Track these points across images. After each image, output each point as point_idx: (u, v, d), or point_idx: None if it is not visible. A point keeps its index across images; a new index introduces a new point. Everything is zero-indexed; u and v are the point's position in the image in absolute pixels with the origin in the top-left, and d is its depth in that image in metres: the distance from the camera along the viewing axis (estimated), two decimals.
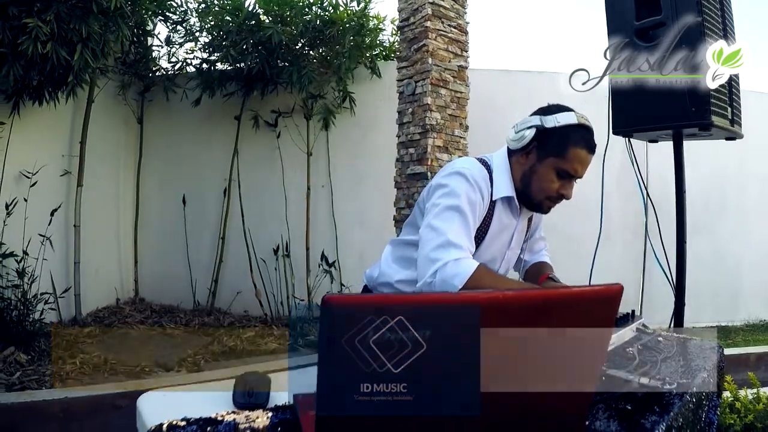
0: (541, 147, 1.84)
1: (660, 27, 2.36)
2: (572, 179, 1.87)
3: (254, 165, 7.16)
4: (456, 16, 4.98)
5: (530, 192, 1.89)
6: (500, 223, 1.93)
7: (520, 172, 1.90)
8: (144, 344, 5.57)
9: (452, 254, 1.67)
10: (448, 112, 4.84)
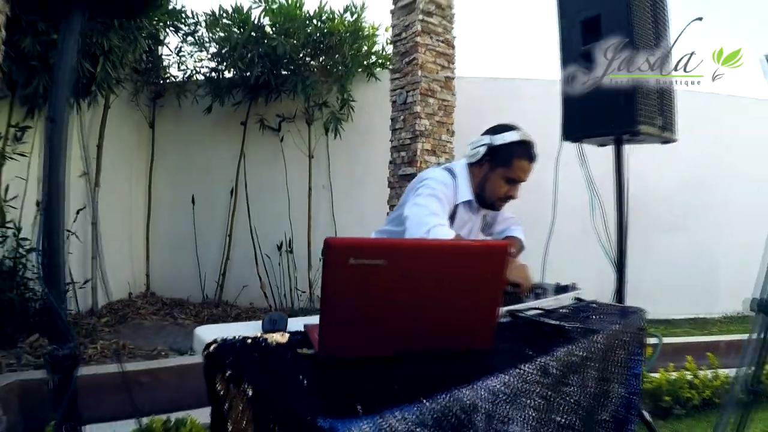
0: (492, 160, 2.32)
1: None
2: (518, 184, 2.35)
3: (259, 167, 7.54)
4: (444, 32, 5.36)
5: (485, 195, 2.39)
6: (461, 219, 2.43)
7: (476, 180, 2.39)
8: (157, 333, 5.93)
9: (437, 220, 2.14)
10: (436, 119, 5.21)
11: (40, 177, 5.42)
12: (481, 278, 1.23)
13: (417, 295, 1.18)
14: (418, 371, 1.19)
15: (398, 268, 1.14)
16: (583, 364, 1.62)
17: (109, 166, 6.70)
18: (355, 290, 1.14)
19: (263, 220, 7.55)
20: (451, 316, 1.25)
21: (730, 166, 8.22)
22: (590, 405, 1.74)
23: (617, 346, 1.93)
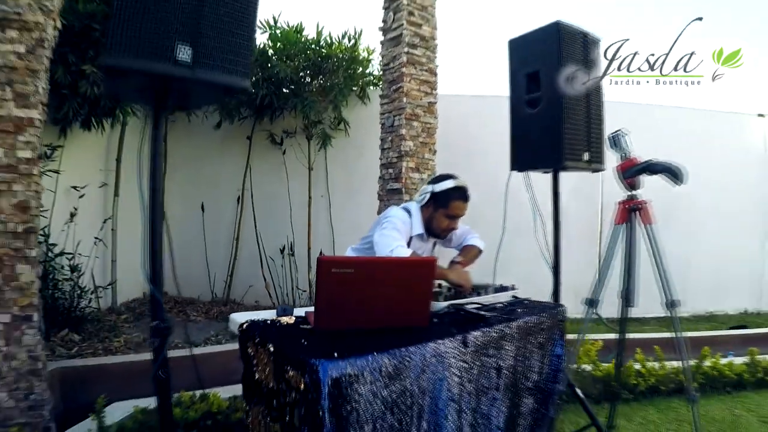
0: (435, 203, 3.10)
1: (538, 99, 3.43)
2: (456, 218, 3.14)
3: (264, 178, 8.06)
4: (427, 61, 5.88)
5: (432, 228, 3.17)
6: (414, 247, 3.17)
7: (425, 217, 3.17)
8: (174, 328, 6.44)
9: (399, 243, 2.88)
10: (419, 140, 5.75)
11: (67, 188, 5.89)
12: (417, 280, 1.96)
13: (375, 291, 1.91)
14: (374, 337, 1.90)
15: (362, 274, 1.87)
16: (499, 341, 2.30)
17: (127, 177, 7.21)
18: (336, 288, 1.85)
19: (267, 226, 8.03)
20: (398, 304, 1.97)
21: (700, 176, 8.39)
22: (511, 372, 2.41)
23: (536, 331, 2.60)
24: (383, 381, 1.75)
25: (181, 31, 1.60)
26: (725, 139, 9.11)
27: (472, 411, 2.17)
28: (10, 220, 3.55)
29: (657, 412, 4.53)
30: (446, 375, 2.01)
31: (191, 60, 1.66)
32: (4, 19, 3.56)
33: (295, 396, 1.66)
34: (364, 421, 1.68)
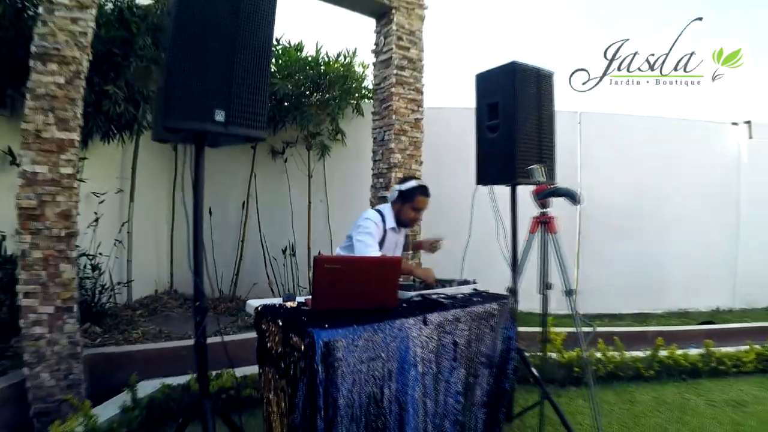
0: (402, 199, 3.80)
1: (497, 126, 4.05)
2: (420, 211, 3.85)
3: (267, 184, 8.61)
4: (414, 81, 6.41)
5: (401, 220, 3.86)
6: (391, 239, 3.89)
7: (395, 212, 3.86)
8: (185, 322, 7.02)
9: (371, 250, 3.53)
10: (407, 153, 6.28)
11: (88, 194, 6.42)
12: (386, 274, 2.60)
13: (356, 281, 2.55)
14: (355, 315, 2.54)
15: (347, 269, 2.51)
16: (455, 322, 2.94)
17: (141, 184, 7.75)
18: (328, 279, 2.49)
19: (270, 229, 8.56)
20: (373, 291, 2.61)
21: (672, 180, 9.17)
22: (466, 347, 3.05)
23: (488, 316, 3.23)
24: (361, 346, 2.40)
25: (217, 100, 2.23)
26: (700, 146, 9.50)
27: (433, 376, 2.81)
28: (54, 226, 4.19)
29: (614, 395, 5.03)
30: (410, 345, 2.65)
31: (225, 120, 2.28)
32: (45, 54, 4.20)
33: (297, 356, 2.31)
34: (346, 373, 2.33)
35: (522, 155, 3.93)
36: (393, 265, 2.73)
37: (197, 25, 2.26)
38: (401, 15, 6.36)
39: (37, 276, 4.15)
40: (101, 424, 3.40)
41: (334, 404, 2.31)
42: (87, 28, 4.36)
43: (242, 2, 2.36)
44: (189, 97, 2.21)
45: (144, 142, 7.64)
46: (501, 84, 4.09)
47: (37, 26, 4.22)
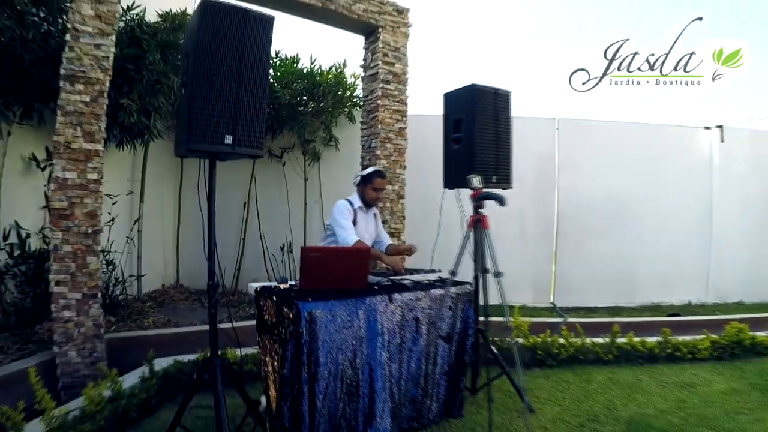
0: (363, 182, 4.51)
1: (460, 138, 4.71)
2: (380, 190, 4.53)
3: (266, 186, 9.17)
4: (399, 94, 7.00)
5: (366, 200, 4.54)
6: (362, 219, 4.57)
7: (360, 193, 4.54)
8: (191, 313, 7.61)
9: (351, 235, 4.17)
10: (392, 158, 6.87)
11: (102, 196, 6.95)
12: (358, 260, 3.27)
13: (333, 266, 3.21)
14: (332, 292, 3.21)
15: (327, 257, 3.17)
16: (416, 302, 3.60)
17: (149, 187, 8.31)
18: (312, 265, 3.16)
19: (269, 228, 9.11)
20: (347, 273, 3.28)
21: (647, 181, 9.62)
22: (427, 323, 3.70)
23: (447, 298, 3.88)
24: (337, 316, 3.09)
25: (226, 127, 2.87)
26: (675, 150, 9.94)
27: (397, 345, 3.49)
28: (82, 224, 4.85)
29: (573, 375, 5.57)
30: (377, 318, 3.32)
31: (232, 142, 2.94)
32: (73, 75, 4.86)
33: (287, 323, 2.98)
34: (326, 337, 3.01)
35: (479, 164, 4.58)
36: (363, 254, 3.41)
37: (209, 67, 2.92)
38: (387, 33, 6.98)
39: (67, 267, 4.81)
40: (125, 389, 4.03)
41: (316, 362, 2.98)
42: (108, 52, 5.02)
43: (244, 49, 3.02)
44: (205, 125, 2.87)
45: (152, 148, 8.20)
46: (463, 103, 4.76)
47: (65, 51, 4.85)
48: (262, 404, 3.51)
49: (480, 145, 4.62)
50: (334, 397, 3.16)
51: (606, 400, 4.83)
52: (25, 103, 5.81)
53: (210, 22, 2.95)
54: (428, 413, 3.89)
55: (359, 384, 3.26)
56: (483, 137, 4.64)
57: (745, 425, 4.30)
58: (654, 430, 4.09)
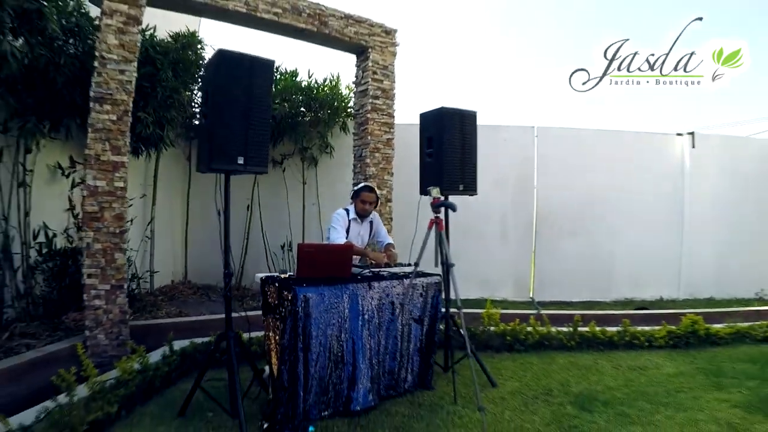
0: (355, 196, 5.25)
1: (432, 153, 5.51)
2: (367, 203, 5.26)
3: (268, 190, 9.87)
4: (386, 108, 7.72)
5: (358, 212, 5.27)
6: (355, 228, 5.31)
7: (354, 205, 5.27)
8: (199, 305, 8.36)
9: (340, 237, 4.98)
10: (380, 166, 7.60)
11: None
12: (342, 255, 4.07)
13: (323, 259, 4.02)
14: (323, 280, 4.01)
15: (319, 251, 3.99)
16: (391, 288, 4.40)
17: (160, 190, 9.06)
18: (306, 258, 3.97)
19: (271, 228, 9.88)
20: (333, 265, 4.08)
21: (623, 185, 10.20)
22: (401, 306, 4.49)
23: (418, 287, 4.66)
24: (326, 298, 3.88)
25: (239, 150, 3.66)
26: (649, 155, 10.49)
27: (376, 324, 4.30)
28: (111, 225, 5.64)
29: (537, 358, 6.21)
30: (359, 301, 4.13)
31: (243, 162, 3.74)
32: (102, 97, 5.65)
33: (286, 304, 3.77)
34: (316, 315, 3.82)
35: (447, 175, 5.37)
36: (346, 250, 4.24)
37: (225, 103, 3.71)
38: (376, 53, 7.75)
39: (98, 262, 5.60)
40: (151, 363, 4.81)
41: (309, 335, 3.79)
42: (131, 76, 5.82)
43: (252, 87, 3.80)
44: (222, 149, 3.65)
45: (163, 155, 8.97)
46: (433, 123, 5.55)
47: (94, 76, 5.65)
48: (266, 372, 4.30)
49: (448, 159, 5.39)
50: (323, 364, 3.97)
51: (562, 379, 5.45)
52: (55, 118, 6.55)
53: (225, 67, 3.75)
54: (404, 383, 4.68)
55: (344, 355, 4.07)
56: (451, 152, 5.40)
57: (682, 401, 4.81)
58: (598, 402, 4.72)
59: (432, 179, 5.40)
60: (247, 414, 3.90)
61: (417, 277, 4.71)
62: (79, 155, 6.99)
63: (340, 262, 4.20)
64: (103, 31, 5.69)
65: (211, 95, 3.76)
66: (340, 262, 4.21)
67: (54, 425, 3.48)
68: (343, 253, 4.28)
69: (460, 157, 5.49)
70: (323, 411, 4.07)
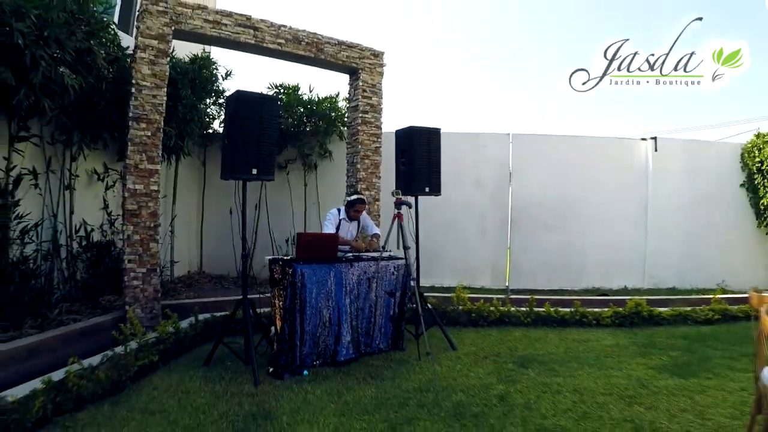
0: (348, 205, 6.52)
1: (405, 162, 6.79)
2: (359, 212, 6.54)
3: (274, 191, 11.08)
4: (375, 120, 8.90)
5: (349, 215, 6.54)
6: (345, 226, 6.58)
7: (346, 209, 6.55)
8: (214, 292, 9.57)
9: (330, 229, 6.29)
10: (369, 171, 8.79)
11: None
12: (330, 242, 5.47)
13: (317, 245, 5.38)
14: (315, 261, 5.37)
15: (313, 239, 5.39)
16: (368, 268, 5.73)
17: (180, 191, 10.34)
18: (307, 245, 5.35)
19: (276, 224, 11.12)
20: (324, 249, 5.44)
21: (589, 186, 11.09)
22: (376, 282, 5.81)
23: (390, 268, 5.97)
24: (317, 274, 5.23)
25: (253, 162, 5.03)
26: (616, 158, 11.34)
27: (356, 294, 5.64)
28: (147, 221, 6.95)
29: (497, 332, 7.36)
30: (342, 276, 5.47)
31: (257, 173, 5.08)
32: (138, 117, 6.93)
33: (288, 277, 5.10)
34: (310, 286, 5.17)
35: (416, 181, 6.73)
36: (333, 238, 5.60)
37: (242, 127, 5.06)
38: (366, 73, 8.99)
39: (136, 250, 6.91)
40: (181, 328, 6.13)
41: (304, 300, 5.15)
42: (162, 99, 7.11)
43: (262, 116, 5.17)
44: (240, 162, 5.02)
45: (182, 161, 10.22)
46: (405, 138, 6.91)
47: (131, 99, 6.93)
48: (272, 332, 5.60)
49: (417, 167, 6.74)
50: (315, 323, 5.33)
51: (512, 346, 6.58)
52: (95, 132, 7.84)
53: (242, 102, 5.17)
54: (378, 344, 6.00)
55: (330, 317, 5.43)
56: (419, 161, 6.73)
57: (607, 363, 5.78)
58: (535, 362, 5.86)
59: (405, 183, 6.72)
60: (257, 363, 5.18)
61: (389, 260, 6.00)
62: (112, 162, 8.40)
63: (327, 247, 5.56)
64: (138, 62, 6.96)
65: (232, 123, 5.12)
66: (328, 247, 5.57)
67: (114, 365, 4.77)
68: (331, 241, 5.63)
69: (427, 165, 6.79)
70: (315, 361, 5.42)
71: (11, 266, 6.35)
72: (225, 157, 5.33)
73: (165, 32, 7.16)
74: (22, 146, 6.72)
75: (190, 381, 5.01)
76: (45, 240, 7.23)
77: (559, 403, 4.59)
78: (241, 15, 7.79)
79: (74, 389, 4.18)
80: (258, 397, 4.62)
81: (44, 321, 6.42)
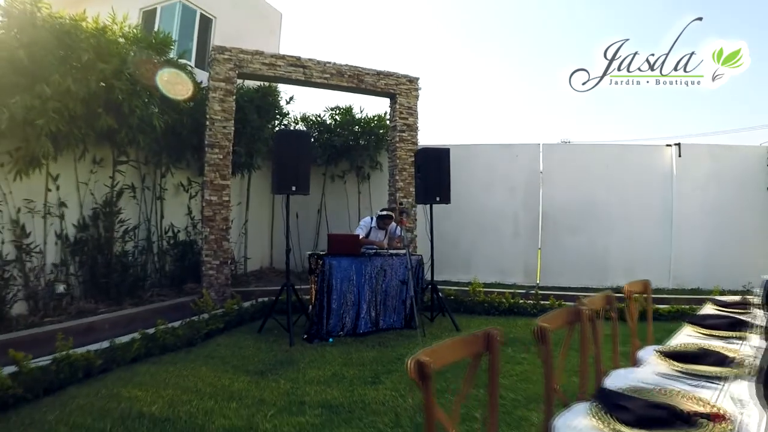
0: (379, 218, 8.15)
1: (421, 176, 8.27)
2: (388, 224, 8.15)
3: (332, 197, 12.82)
4: (411, 138, 10.28)
5: (379, 225, 8.17)
6: (375, 233, 8.20)
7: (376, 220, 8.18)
8: (279, 283, 11.17)
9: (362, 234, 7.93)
10: (406, 182, 10.13)
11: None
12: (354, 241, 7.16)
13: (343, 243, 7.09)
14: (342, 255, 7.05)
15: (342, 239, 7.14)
16: (386, 262, 7.33)
17: (252, 199, 12.17)
18: (335, 242, 7.10)
19: (335, 226, 12.65)
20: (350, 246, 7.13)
21: (616, 190, 11.69)
22: (392, 273, 7.41)
23: (405, 262, 7.50)
24: (343, 265, 6.90)
25: (291, 181, 6.75)
26: (642, 164, 11.82)
27: (375, 282, 7.23)
28: (220, 224, 8.78)
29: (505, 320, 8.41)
30: (363, 268, 7.08)
31: (295, 189, 6.77)
32: (212, 144, 8.74)
33: (320, 267, 6.80)
34: (337, 274, 6.86)
35: (430, 190, 8.13)
36: (355, 238, 7.24)
37: (285, 155, 6.83)
38: (402, 97, 10.46)
39: (212, 247, 8.76)
40: (243, 306, 7.93)
41: (331, 285, 6.82)
42: (230, 129, 8.91)
43: (300, 146, 6.93)
44: (284, 181, 6.78)
45: (253, 174, 12.06)
46: (422, 156, 8.33)
47: (207, 130, 8.76)
48: (309, 310, 7.27)
49: (429, 181, 8.14)
50: (340, 304, 6.98)
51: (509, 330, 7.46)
52: (179, 154, 9.86)
53: (283, 138, 7.06)
54: (393, 322, 7.54)
55: (353, 299, 7.06)
56: (431, 176, 8.14)
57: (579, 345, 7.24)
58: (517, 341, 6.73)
59: (424, 193, 8.21)
60: (296, 332, 6.92)
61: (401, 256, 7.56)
62: (194, 176, 10.35)
63: (353, 246, 7.22)
64: (210, 100, 8.81)
65: (279, 150, 6.93)
66: (353, 245, 7.22)
67: (190, 327, 6.64)
68: (355, 240, 7.30)
69: (437, 179, 8.18)
70: (339, 331, 7.04)
71: (115, 259, 8.46)
72: (274, 177, 7.09)
73: (230, 75, 8.96)
74: (123, 168, 8.83)
75: (244, 341, 6.77)
76: (141, 239, 9.32)
77: (514, 371, 5.66)
78: (292, 56, 9.51)
79: (160, 340, 6.06)
80: (289, 352, 6.29)
81: (139, 300, 8.46)
